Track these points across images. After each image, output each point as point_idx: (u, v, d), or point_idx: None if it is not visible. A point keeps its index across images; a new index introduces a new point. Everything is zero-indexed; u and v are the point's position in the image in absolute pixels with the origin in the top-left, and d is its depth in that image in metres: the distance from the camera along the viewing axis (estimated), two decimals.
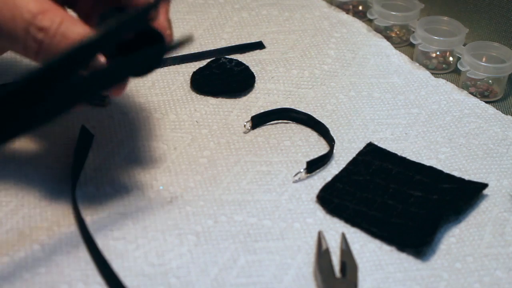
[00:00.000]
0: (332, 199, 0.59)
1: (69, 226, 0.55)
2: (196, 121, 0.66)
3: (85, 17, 0.56)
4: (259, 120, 0.66)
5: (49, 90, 0.47)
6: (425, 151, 0.64)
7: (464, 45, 0.75)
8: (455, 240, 0.57)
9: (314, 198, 0.59)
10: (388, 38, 0.79)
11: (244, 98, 0.69)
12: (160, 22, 0.53)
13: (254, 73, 0.71)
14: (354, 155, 0.63)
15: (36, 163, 0.59)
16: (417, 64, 0.75)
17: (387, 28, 0.80)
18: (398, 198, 0.59)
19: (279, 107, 0.67)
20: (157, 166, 0.61)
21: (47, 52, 0.49)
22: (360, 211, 0.58)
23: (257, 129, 0.66)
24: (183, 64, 0.72)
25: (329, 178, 0.61)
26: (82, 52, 0.47)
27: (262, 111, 0.67)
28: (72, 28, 0.49)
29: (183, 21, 0.78)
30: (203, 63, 0.72)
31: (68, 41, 0.48)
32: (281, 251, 0.55)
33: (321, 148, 0.64)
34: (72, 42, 0.48)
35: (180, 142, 0.64)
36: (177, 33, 0.55)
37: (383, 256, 0.55)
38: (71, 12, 0.57)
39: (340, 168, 0.62)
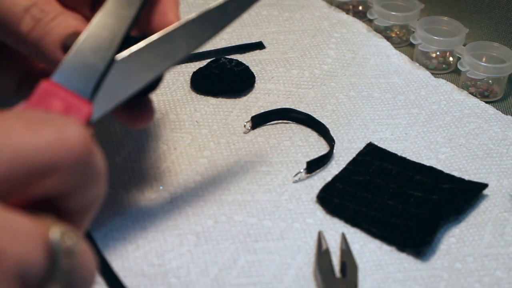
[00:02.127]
0: (332, 199, 0.59)
1: None
2: (196, 121, 0.66)
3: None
4: (259, 120, 0.66)
5: None
6: (425, 151, 0.64)
7: (464, 45, 0.75)
8: (455, 240, 0.57)
9: (314, 198, 0.59)
10: (388, 38, 0.79)
11: (244, 98, 0.69)
12: (169, 19, 0.53)
13: (254, 73, 0.71)
14: (354, 155, 0.63)
15: None
16: (417, 64, 0.75)
17: (387, 28, 0.80)
18: (398, 198, 0.59)
19: (279, 107, 0.67)
20: (157, 166, 0.61)
21: (40, 32, 0.49)
22: (360, 211, 0.58)
23: (257, 129, 0.66)
24: (183, 64, 0.72)
25: (329, 178, 0.61)
26: None
27: (262, 111, 0.67)
28: (70, 19, 0.50)
29: None
30: (203, 63, 0.72)
31: (63, 28, 0.49)
32: (281, 251, 0.55)
33: (321, 148, 0.64)
34: (66, 30, 0.49)
35: (180, 142, 0.64)
36: None
37: (383, 256, 0.55)
38: None
39: (340, 168, 0.62)
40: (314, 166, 0.61)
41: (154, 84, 0.51)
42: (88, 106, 0.44)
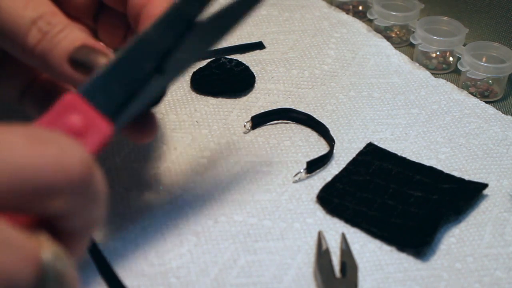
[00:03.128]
0: (332, 199, 0.59)
1: None
2: (196, 121, 0.66)
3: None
4: (259, 120, 0.66)
5: None
6: (425, 151, 0.64)
7: (464, 45, 0.75)
8: (455, 240, 0.57)
9: (314, 198, 0.59)
10: (388, 38, 0.79)
11: (244, 98, 0.69)
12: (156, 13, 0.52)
13: (254, 73, 0.71)
14: (354, 155, 0.63)
15: None
16: (417, 64, 0.75)
17: (387, 28, 0.80)
18: (398, 198, 0.59)
19: (279, 107, 0.67)
20: (157, 166, 0.61)
21: (47, 45, 0.49)
22: (360, 211, 0.58)
23: (257, 129, 0.66)
24: None
25: (329, 178, 0.61)
26: None
27: (262, 111, 0.67)
28: (77, 31, 0.50)
29: None
30: (203, 63, 0.72)
31: (71, 41, 0.49)
32: (281, 251, 0.55)
33: (321, 148, 0.64)
34: (73, 43, 0.49)
35: (180, 142, 0.64)
36: None
37: (383, 256, 0.55)
38: None
39: (340, 168, 0.62)
40: (314, 166, 0.61)
41: (157, 99, 0.50)
42: (108, 126, 0.43)
